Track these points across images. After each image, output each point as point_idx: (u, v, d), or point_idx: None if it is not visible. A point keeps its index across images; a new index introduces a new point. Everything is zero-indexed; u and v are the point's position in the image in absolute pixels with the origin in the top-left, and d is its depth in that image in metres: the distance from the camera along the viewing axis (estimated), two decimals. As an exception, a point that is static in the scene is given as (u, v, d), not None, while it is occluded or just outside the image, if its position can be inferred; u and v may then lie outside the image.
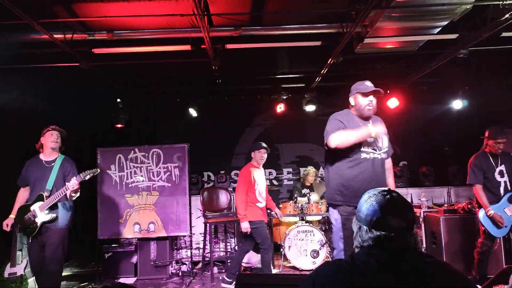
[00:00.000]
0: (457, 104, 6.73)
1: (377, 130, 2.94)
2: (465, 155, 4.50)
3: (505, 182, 4.24)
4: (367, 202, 1.39)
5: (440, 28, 4.45)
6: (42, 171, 3.85)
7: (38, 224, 3.67)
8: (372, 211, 1.36)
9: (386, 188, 1.42)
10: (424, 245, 5.13)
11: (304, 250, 5.38)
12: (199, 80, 6.72)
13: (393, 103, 6.49)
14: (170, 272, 5.52)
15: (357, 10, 4.14)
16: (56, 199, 3.68)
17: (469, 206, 4.75)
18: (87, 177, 3.74)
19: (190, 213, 5.62)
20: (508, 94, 6.63)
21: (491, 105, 6.85)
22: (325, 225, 6.22)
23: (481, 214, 4.21)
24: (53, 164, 3.87)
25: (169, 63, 5.69)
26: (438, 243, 4.77)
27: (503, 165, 4.26)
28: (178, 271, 5.56)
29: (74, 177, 3.67)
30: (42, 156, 3.94)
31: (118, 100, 7.00)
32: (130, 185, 5.61)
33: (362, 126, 2.98)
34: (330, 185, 3.10)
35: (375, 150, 2.98)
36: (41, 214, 3.68)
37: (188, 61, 5.47)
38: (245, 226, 4.43)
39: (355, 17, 4.23)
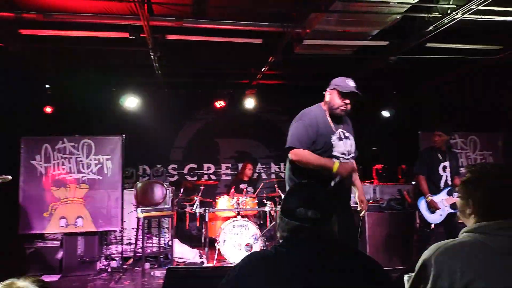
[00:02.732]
0: (385, 113, 7.26)
1: (341, 169, 2.70)
2: (391, 154, 4.88)
3: (446, 176, 4.61)
4: (288, 195, 1.45)
5: (373, 36, 4.74)
6: None
7: None
8: (291, 203, 1.42)
9: (307, 182, 1.49)
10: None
11: (238, 244, 5.43)
12: (138, 69, 6.49)
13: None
14: (98, 268, 5.30)
15: (297, 11, 4.27)
16: None
17: (391, 202, 5.10)
18: None
19: (122, 208, 5.43)
20: (431, 100, 7.25)
21: (417, 109, 7.45)
22: (260, 219, 6.35)
23: (420, 201, 4.61)
24: None
25: (105, 50, 5.43)
26: (362, 237, 5.09)
27: (447, 161, 4.62)
28: (107, 267, 5.34)
29: None
30: None
31: (47, 86, 6.56)
32: (56, 177, 5.28)
33: (332, 129, 2.82)
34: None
35: (344, 154, 2.86)
36: None
37: (126, 49, 5.26)
38: None
39: (296, 18, 4.36)
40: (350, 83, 2.82)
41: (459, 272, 1.30)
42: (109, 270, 5.29)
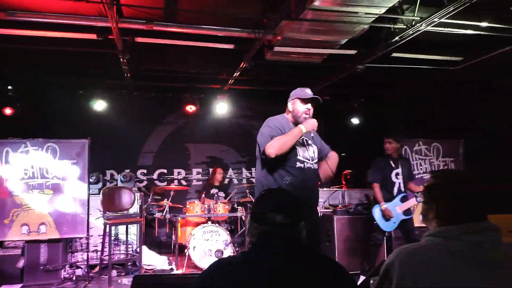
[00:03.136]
0: (354, 120, 7.41)
1: (307, 125, 2.89)
2: (359, 160, 5.01)
3: (399, 183, 4.68)
4: (258, 200, 1.46)
5: (342, 44, 4.86)
6: None
7: None
8: (261, 208, 1.44)
9: (278, 188, 1.51)
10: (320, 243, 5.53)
11: (209, 250, 5.39)
12: (106, 72, 6.34)
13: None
14: (62, 277, 5.10)
15: (268, 18, 4.32)
16: None
17: (359, 207, 5.24)
18: None
19: (88, 214, 5.27)
20: (396, 108, 7.49)
21: (384, 116, 7.68)
22: (231, 225, 6.32)
23: (375, 209, 4.66)
24: None
25: (72, 51, 5.28)
26: (331, 240, 5.17)
27: (399, 168, 4.70)
28: (72, 276, 5.16)
29: None
30: None
31: (10, 87, 6.30)
32: (18, 182, 5.05)
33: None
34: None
35: (307, 160, 2.97)
36: None
37: (94, 51, 5.14)
38: None
39: (267, 25, 4.40)
40: (308, 91, 3.02)
41: (421, 275, 1.34)
42: (74, 278, 5.10)
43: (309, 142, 3.06)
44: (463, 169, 6.07)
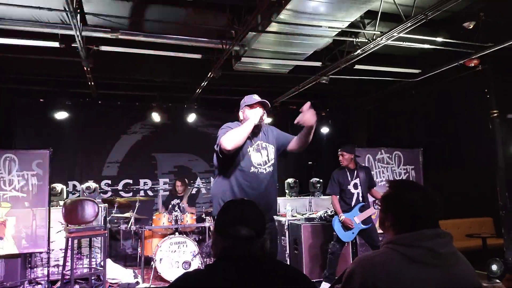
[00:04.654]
0: (323, 129, 7.56)
1: (257, 118, 2.90)
2: (325, 168, 5.14)
3: (357, 193, 4.74)
4: (221, 213, 1.47)
5: (307, 56, 4.99)
6: None
7: None
8: (225, 221, 1.45)
9: (241, 199, 1.53)
10: (288, 252, 5.57)
11: (176, 262, 5.30)
12: (69, 80, 6.17)
13: (266, 119, 6.97)
14: (20, 294, 4.87)
15: (236, 29, 4.37)
16: None
17: (325, 214, 5.33)
18: None
19: (49, 227, 5.06)
20: (359, 118, 7.74)
21: (348, 126, 7.90)
22: (199, 235, 6.26)
23: (334, 220, 4.75)
24: None
25: (33, 58, 5.11)
26: (299, 248, 5.23)
27: (357, 179, 4.75)
28: (31, 293, 4.94)
29: None
30: None
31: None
32: (-27, 195, 4.80)
33: (251, 140, 2.94)
34: (216, 199, 2.97)
35: (260, 165, 2.97)
36: None
37: (57, 59, 5.01)
38: None
39: (234, 36, 4.46)
40: (255, 96, 3.06)
41: (381, 281, 1.40)
42: (33, 295, 4.89)
43: (263, 145, 3.05)
44: (422, 176, 6.33)
